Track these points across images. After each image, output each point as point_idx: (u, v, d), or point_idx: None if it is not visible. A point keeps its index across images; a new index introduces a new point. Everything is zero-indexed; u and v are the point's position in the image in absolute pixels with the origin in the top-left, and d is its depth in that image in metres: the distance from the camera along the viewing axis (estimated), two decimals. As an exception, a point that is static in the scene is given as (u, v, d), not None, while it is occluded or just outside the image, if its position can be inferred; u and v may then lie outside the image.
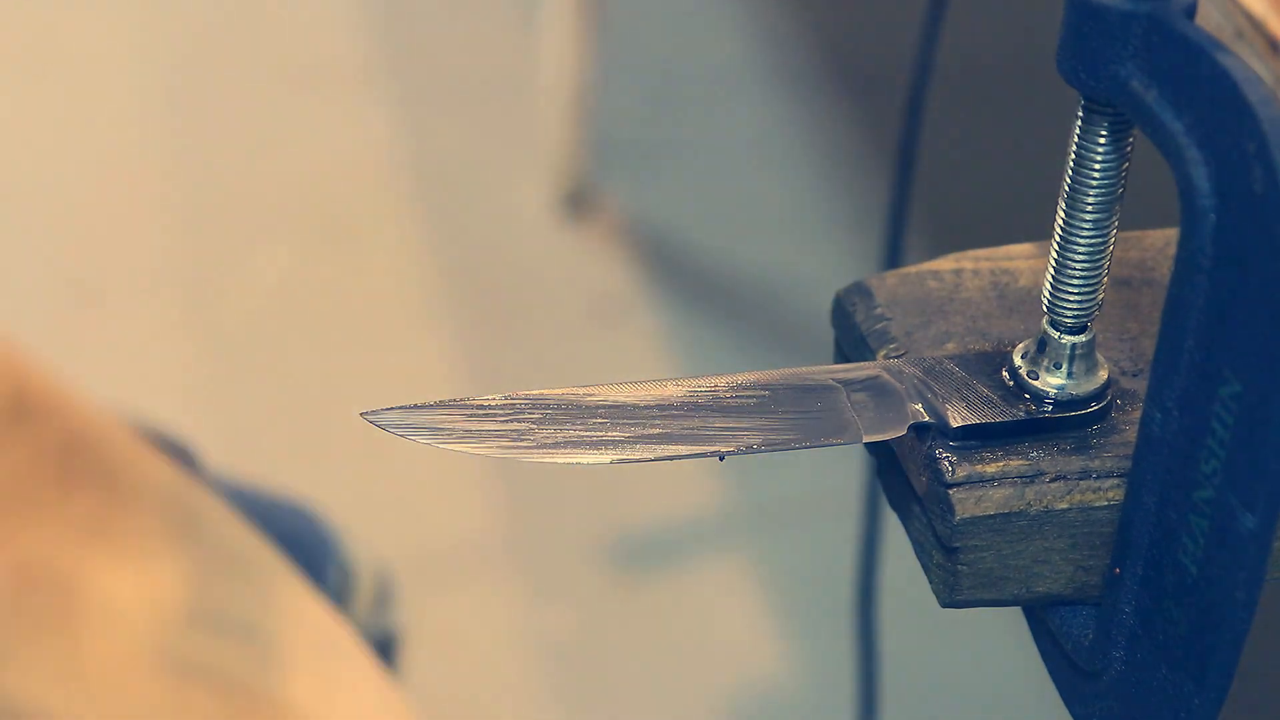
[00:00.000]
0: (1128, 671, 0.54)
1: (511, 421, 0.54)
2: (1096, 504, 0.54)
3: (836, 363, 0.61)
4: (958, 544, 0.54)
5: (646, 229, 1.81)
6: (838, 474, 1.49)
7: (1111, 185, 0.53)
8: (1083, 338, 0.55)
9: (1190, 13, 0.49)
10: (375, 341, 1.71)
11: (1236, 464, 0.48)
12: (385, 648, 0.92)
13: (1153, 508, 0.52)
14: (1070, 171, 0.53)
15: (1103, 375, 0.56)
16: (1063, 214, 0.54)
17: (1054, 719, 0.61)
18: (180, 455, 0.84)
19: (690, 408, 0.55)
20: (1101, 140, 0.52)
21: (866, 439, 0.55)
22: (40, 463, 0.62)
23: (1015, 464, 0.54)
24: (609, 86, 1.85)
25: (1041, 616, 0.57)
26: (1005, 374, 0.56)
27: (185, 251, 1.80)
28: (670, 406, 0.55)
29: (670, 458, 0.54)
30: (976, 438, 0.55)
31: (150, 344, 1.72)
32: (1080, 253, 0.54)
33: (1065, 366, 0.55)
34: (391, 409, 0.53)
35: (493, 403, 0.54)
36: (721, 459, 0.55)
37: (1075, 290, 0.54)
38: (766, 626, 1.49)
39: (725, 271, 1.74)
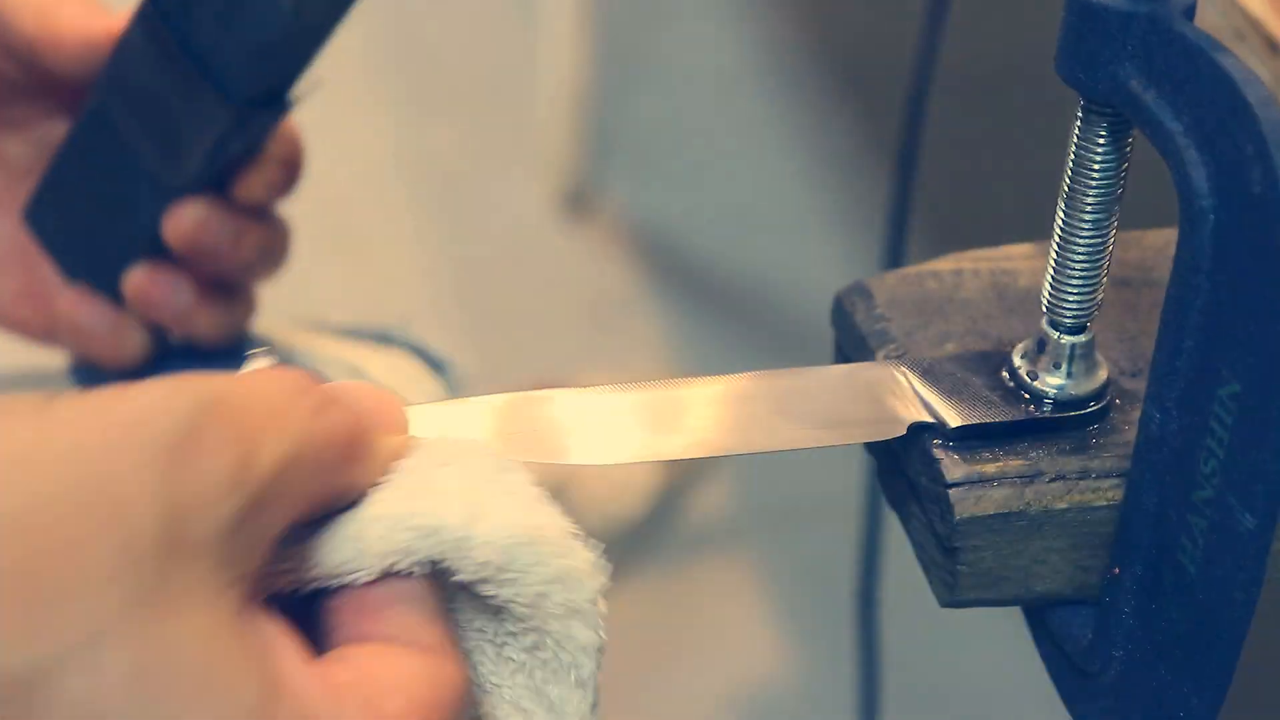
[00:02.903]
0: (1127, 671, 0.54)
1: (515, 420, 0.54)
2: (1096, 504, 0.54)
3: (836, 363, 0.61)
4: (957, 544, 0.54)
5: (646, 229, 1.81)
6: (838, 474, 1.48)
7: (1111, 186, 0.53)
8: (1082, 338, 0.55)
9: (1189, 13, 0.49)
10: (375, 341, 1.71)
11: (1236, 464, 0.48)
12: None
13: (1152, 508, 0.52)
14: (1070, 172, 0.53)
15: (1102, 375, 0.56)
16: (1062, 214, 0.54)
17: (1053, 719, 0.61)
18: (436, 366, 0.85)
19: (690, 408, 0.55)
20: (1101, 141, 0.52)
21: (866, 439, 0.56)
22: None
23: (1014, 464, 0.54)
24: (609, 86, 1.85)
25: (1041, 616, 0.57)
26: (1005, 374, 0.56)
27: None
28: (669, 407, 0.55)
29: (671, 458, 0.54)
30: (976, 438, 0.55)
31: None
32: (1080, 253, 0.54)
33: (1064, 366, 0.55)
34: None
35: (496, 402, 0.54)
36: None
37: (1075, 290, 0.54)
38: (767, 626, 1.49)
39: (725, 271, 1.74)
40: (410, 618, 0.46)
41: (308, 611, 0.46)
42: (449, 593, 0.48)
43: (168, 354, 0.79)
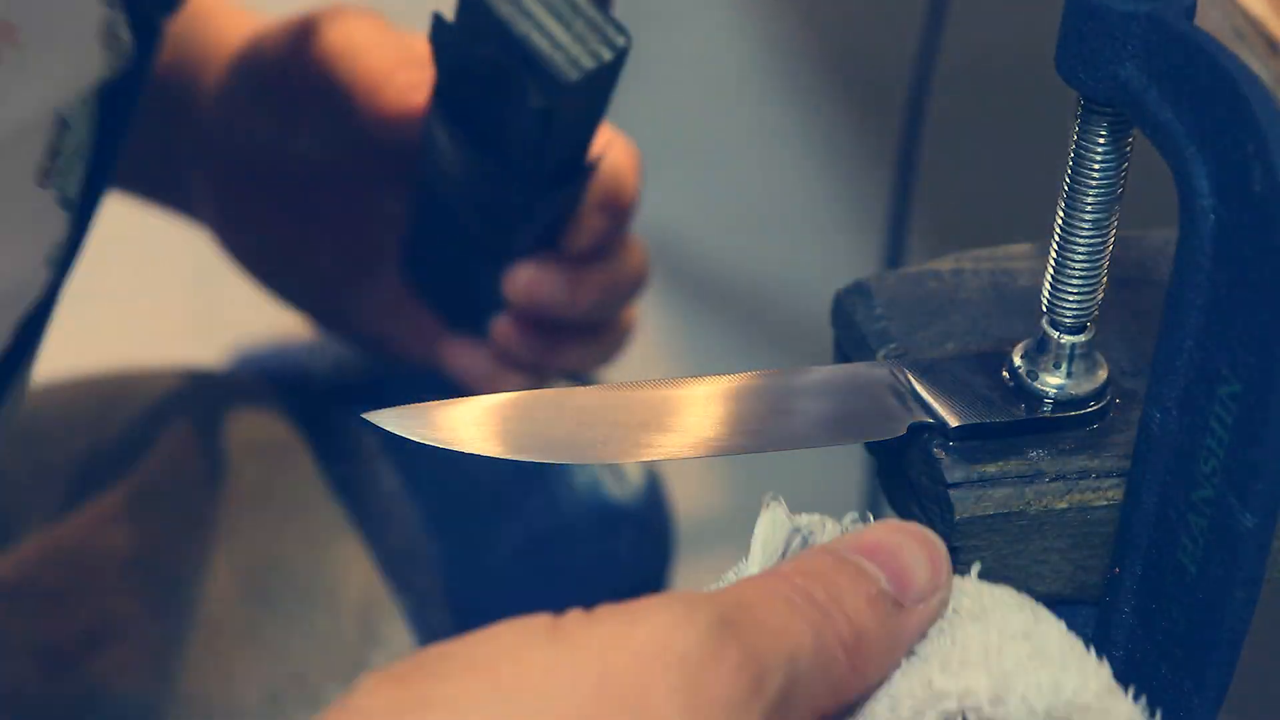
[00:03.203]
0: (1127, 671, 0.54)
1: (514, 420, 0.54)
2: (1096, 504, 0.54)
3: (837, 363, 0.61)
4: (957, 544, 0.54)
5: (647, 229, 1.81)
6: (838, 474, 1.49)
7: (1111, 185, 0.53)
8: (1082, 337, 0.55)
9: (1190, 13, 0.49)
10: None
11: (1235, 463, 0.48)
12: None
13: (1152, 507, 0.52)
14: (1070, 172, 0.53)
15: (1102, 375, 0.56)
16: (1062, 214, 0.54)
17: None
18: None
19: (689, 408, 0.55)
20: (1101, 140, 0.52)
21: (866, 439, 0.56)
22: None
23: (1015, 464, 0.54)
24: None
25: (1041, 616, 0.57)
26: (1005, 374, 0.56)
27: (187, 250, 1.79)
28: (669, 407, 0.55)
29: (671, 458, 0.54)
30: (976, 437, 0.55)
31: (157, 344, 1.72)
32: (1080, 253, 0.54)
33: (1065, 366, 0.55)
34: (393, 409, 0.53)
35: (494, 402, 0.54)
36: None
37: (1075, 290, 0.54)
38: (766, 626, 1.49)
39: (725, 271, 1.74)
40: None
41: None
42: None
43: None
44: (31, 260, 0.57)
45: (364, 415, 0.53)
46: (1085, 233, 0.53)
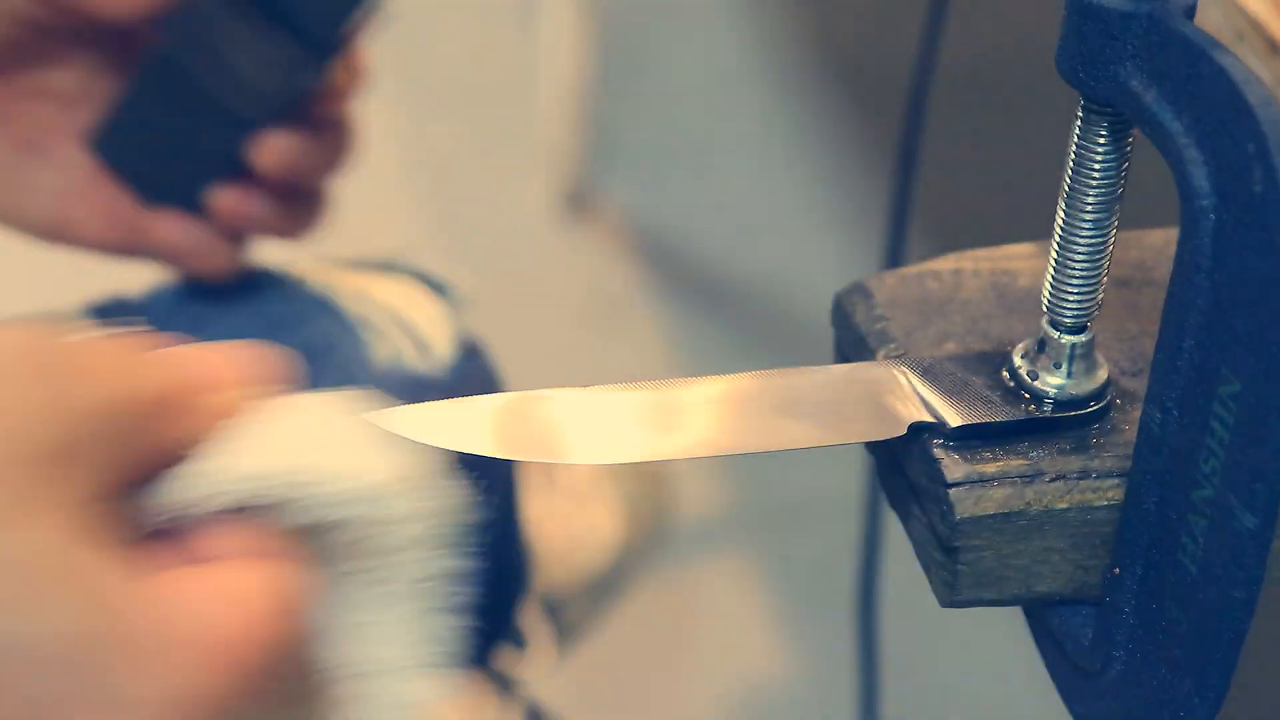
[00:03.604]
0: (1127, 671, 0.54)
1: (514, 420, 0.54)
2: (1096, 504, 0.54)
3: (836, 363, 0.61)
4: (958, 543, 0.54)
5: (646, 229, 1.81)
6: (838, 474, 1.49)
7: (1111, 185, 0.53)
8: (1082, 337, 0.55)
9: (1190, 13, 0.49)
10: (375, 341, 1.71)
11: (1236, 463, 0.48)
12: None
13: (1152, 507, 0.52)
14: (1070, 171, 0.53)
15: (1102, 375, 0.56)
16: (1063, 214, 0.54)
17: (1054, 718, 0.61)
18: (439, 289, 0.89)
19: (690, 408, 0.55)
20: (1101, 140, 0.52)
21: (866, 439, 0.56)
22: None
23: (1015, 464, 0.54)
24: (609, 86, 1.85)
25: (1042, 616, 0.57)
26: (1005, 374, 0.56)
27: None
28: (669, 407, 0.55)
29: (671, 458, 0.54)
30: (976, 437, 0.55)
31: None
32: (1080, 252, 0.54)
33: (1065, 366, 0.55)
34: (393, 409, 0.53)
35: (495, 402, 0.55)
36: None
37: (1075, 290, 0.54)
38: (767, 626, 1.49)
39: (725, 271, 1.74)
40: (235, 539, 0.48)
41: None
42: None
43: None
44: None
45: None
46: (1085, 232, 0.53)
